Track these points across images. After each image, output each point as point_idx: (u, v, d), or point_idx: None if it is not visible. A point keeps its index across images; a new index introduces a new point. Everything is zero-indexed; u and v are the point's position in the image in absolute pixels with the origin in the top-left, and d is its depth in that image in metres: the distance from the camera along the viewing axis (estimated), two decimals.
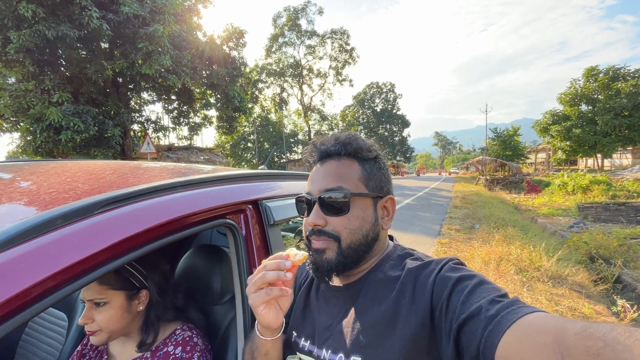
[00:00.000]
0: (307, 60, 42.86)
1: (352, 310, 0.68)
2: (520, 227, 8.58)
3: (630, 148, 28.59)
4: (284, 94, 43.23)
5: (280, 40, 41.08)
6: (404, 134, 58.21)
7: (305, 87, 43.86)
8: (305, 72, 43.08)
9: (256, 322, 0.69)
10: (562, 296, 4.20)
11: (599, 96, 26.27)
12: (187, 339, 0.97)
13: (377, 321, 0.62)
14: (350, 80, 43.23)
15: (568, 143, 26.90)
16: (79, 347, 1.01)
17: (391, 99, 56.79)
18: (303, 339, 0.73)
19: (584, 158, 30.68)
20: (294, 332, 0.76)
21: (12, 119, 11.73)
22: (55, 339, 1.28)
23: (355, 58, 42.31)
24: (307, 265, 0.71)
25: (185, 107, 17.06)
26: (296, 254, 0.65)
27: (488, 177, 26.79)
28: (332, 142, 0.73)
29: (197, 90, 16.04)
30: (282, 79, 42.09)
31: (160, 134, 17.96)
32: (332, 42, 41.97)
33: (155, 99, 16.65)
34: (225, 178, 0.95)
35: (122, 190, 0.65)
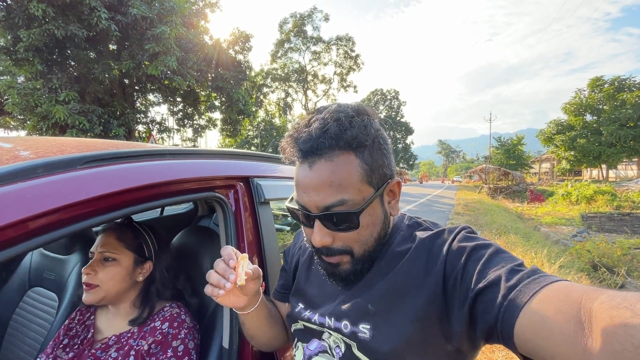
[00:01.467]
0: (312, 66, 43.20)
1: (360, 281, 0.66)
2: (522, 234, 8.49)
3: (636, 159, 28.34)
4: (289, 99, 43.49)
5: (286, 45, 41.47)
6: (408, 141, 58.23)
7: (309, 92, 44.11)
8: (310, 77, 43.38)
9: None
10: None
11: (604, 106, 26.15)
12: (175, 315, 0.96)
13: (388, 290, 0.61)
14: (355, 87, 43.40)
15: (572, 153, 26.73)
16: (67, 322, 1.01)
17: (395, 106, 56.97)
18: (307, 308, 0.73)
19: (588, 168, 30.46)
20: (299, 303, 0.76)
21: (19, 116, 11.91)
22: (45, 319, 1.28)
23: (360, 65, 42.54)
24: (321, 272, 0.69)
25: (190, 109, 17.21)
26: (241, 277, 0.61)
27: (491, 186, 26.63)
28: (319, 136, 0.56)
29: (202, 92, 16.19)
30: (287, 84, 42.39)
31: (164, 135, 18.09)
32: (337, 49, 42.29)
33: (160, 100, 16.82)
34: (216, 153, 0.95)
35: (108, 150, 0.65)
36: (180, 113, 17.68)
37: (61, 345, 0.95)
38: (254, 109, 19.60)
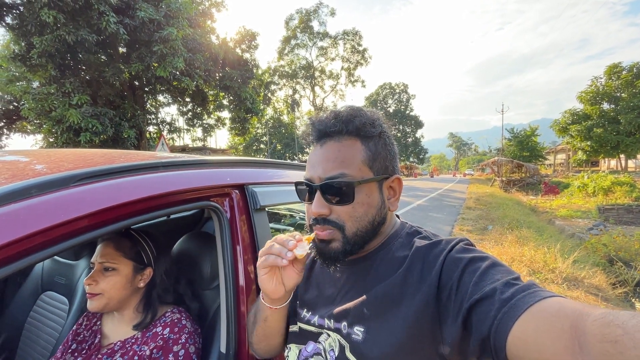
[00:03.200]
0: (319, 62, 43.01)
1: (358, 284, 0.68)
2: (535, 228, 8.33)
3: None
4: (296, 96, 43.48)
5: (293, 42, 41.38)
6: (418, 135, 57.58)
7: (317, 88, 43.99)
8: (317, 73, 43.22)
9: None
10: (577, 299, 4.05)
11: (622, 94, 25.23)
12: (176, 321, 0.99)
13: (383, 296, 0.63)
14: (363, 81, 43.05)
15: (589, 143, 25.93)
16: (74, 327, 1.05)
17: (404, 100, 56.29)
18: (305, 309, 0.75)
19: (606, 159, 29.53)
20: (297, 302, 0.77)
21: (35, 121, 12.28)
22: (57, 322, 1.33)
23: (368, 59, 42.12)
24: (313, 254, 0.71)
25: (199, 109, 17.40)
26: (303, 247, 0.63)
27: (504, 179, 26.12)
28: (332, 120, 0.66)
29: (211, 92, 16.33)
30: (294, 80, 42.36)
31: (174, 135, 18.40)
32: (344, 44, 41.96)
33: (170, 101, 17.07)
34: (210, 162, 0.97)
35: (100, 167, 0.67)
36: (190, 113, 17.90)
37: (70, 350, 0.99)
38: (262, 107, 19.68)
